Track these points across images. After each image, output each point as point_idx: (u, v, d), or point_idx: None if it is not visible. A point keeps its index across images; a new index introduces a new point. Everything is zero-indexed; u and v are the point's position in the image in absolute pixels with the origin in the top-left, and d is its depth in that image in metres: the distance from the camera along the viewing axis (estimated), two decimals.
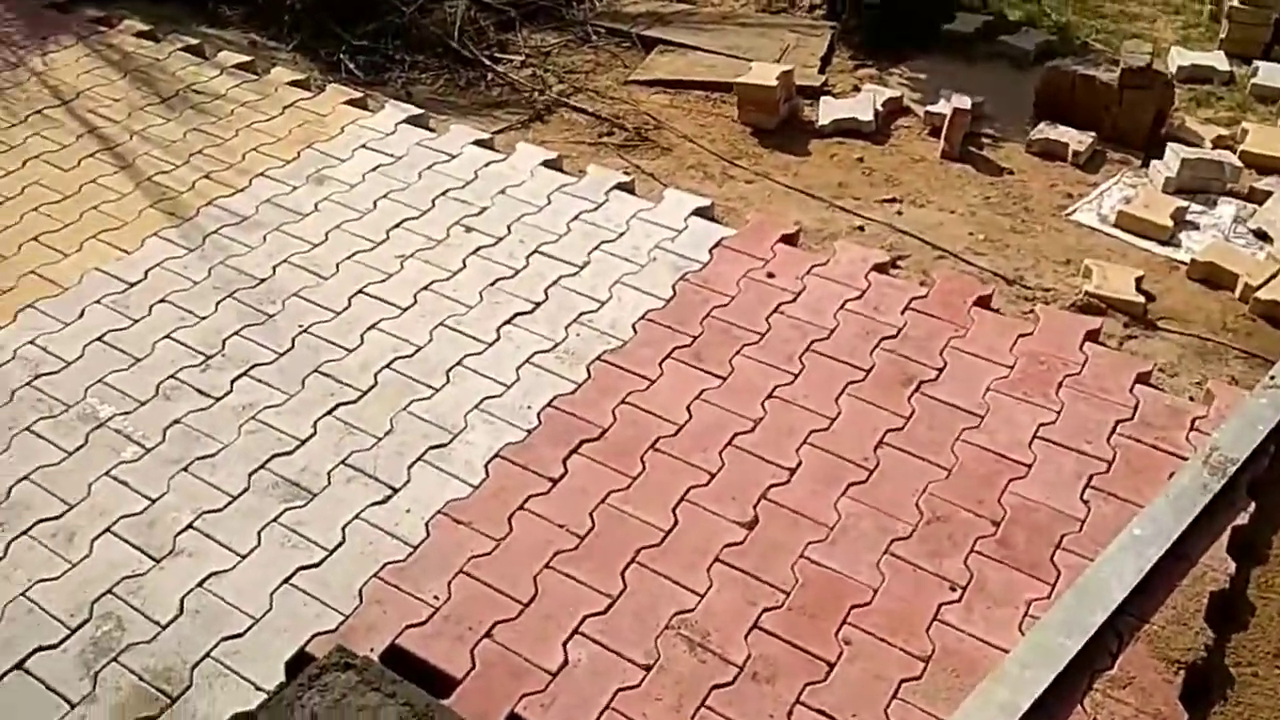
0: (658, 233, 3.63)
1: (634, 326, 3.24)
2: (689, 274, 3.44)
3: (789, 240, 3.62)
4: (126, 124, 4.17)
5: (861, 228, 3.84)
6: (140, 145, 4.05)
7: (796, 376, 3.06)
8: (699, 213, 3.74)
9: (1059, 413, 2.93)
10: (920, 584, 2.50)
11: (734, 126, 4.48)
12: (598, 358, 3.13)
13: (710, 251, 3.54)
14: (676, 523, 2.64)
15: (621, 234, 3.64)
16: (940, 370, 3.07)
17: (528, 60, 5.00)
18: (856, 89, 4.74)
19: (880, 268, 3.47)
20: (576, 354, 3.15)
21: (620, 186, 3.89)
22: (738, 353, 3.14)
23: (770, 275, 3.43)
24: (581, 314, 3.30)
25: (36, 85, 4.41)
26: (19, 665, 2.32)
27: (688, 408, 2.96)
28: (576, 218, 3.72)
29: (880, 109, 4.48)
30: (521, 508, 2.69)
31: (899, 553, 2.57)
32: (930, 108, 4.45)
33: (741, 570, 2.52)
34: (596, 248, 3.57)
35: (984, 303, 3.33)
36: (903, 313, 3.28)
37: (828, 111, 4.49)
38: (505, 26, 5.21)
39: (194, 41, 4.77)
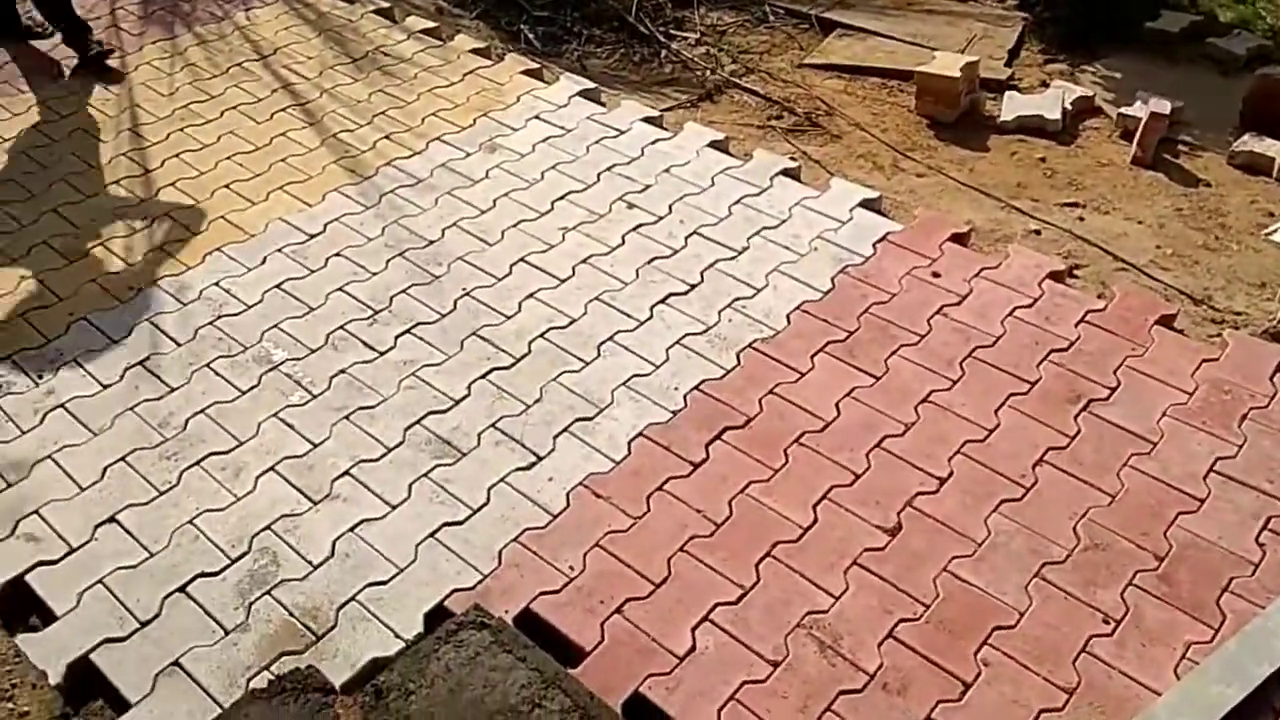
0: (821, 222, 3.56)
1: (788, 316, 3.19)
2: (850, 267, 3.36)
3: (959, 240, 3.48)
4: (317, 81, 4.36)
5: (1038, 232, 3.65)
6: (329, 103, 4.23)
7: (955, 383, 2.94)
8: (866, 204, 3.64)
9: (1240, 447, 2.72)
10: (1071, 612, 2.38)
11: (909, 117, 4.34)
12: (749, 345, 3.10)
13: (874, 245, 3.44)
14: (816, 521, 2.59)
15: (783, 221, 3.58)
16: (1112, 390, 2.90)
17: (702, 38, 4.96)
18: (1044, 85, 4.51)
19: (1055, 276, 3.30)
20: (728, 339, 3.13)
21: (786, 172, 3.83)
22: (894, 352, 3.04)
23: (936, 275, 3.30)
24: (736, 299, 3.27)
25: (239, 39, 4.66)
26: (182, 588, 2.48)
27: (837, 404, 2.89)
28: (739, 201, 3.68)
29: (1069, 107, 4.25)
30: (660, 488, 2.70)
31: (1050, 577, 2.44)
32: (1124, 110, 4.18)
33: (880, 577, 2.45)
34: (757, 233, 3.53)
35: (1166, 322, 3.12)
36: (1076, 325, 3.11)
37: (1011, 107, 4.28)
38: (683, 3, 5.19)
39: (385, 5, 4.94)
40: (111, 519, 2.63)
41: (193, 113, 4.16)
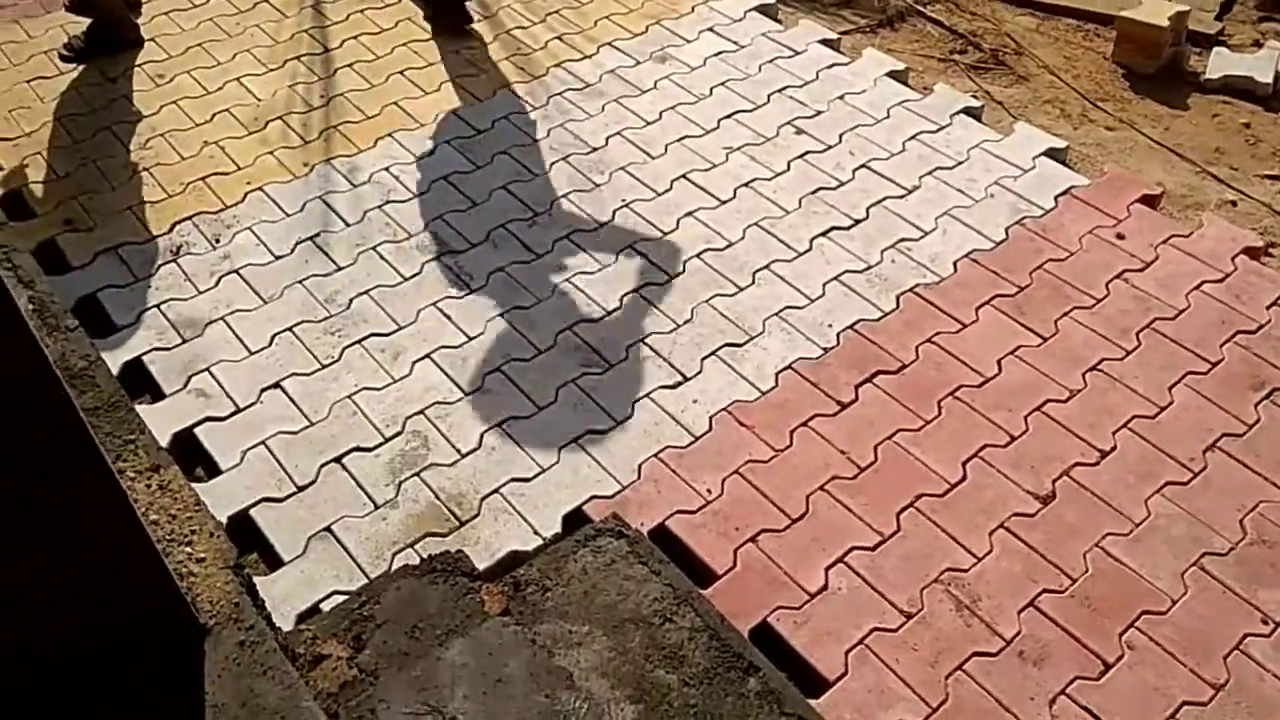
0: (1000, 168, 3.39)
1: (955, 264, 3.07)
2: (1027, 219, 3.20)
3: (1148, 202, 3.27)
4: None
5: (1234, 203, 3.40)
6: None
7: (1129, 354, 2.79)
8: (1050, 154, 3.45)
9: None
10: (1227, 607, 2.27)
11: (1104, 64, 4.06)
12: (911, 289, 3.00)
13: (1056, 199, 3.27)
14: (965, 478, 2.52)
15: (960, 163, 3.42)
16: None
17: None
18: (1258, 44, 4.15)
19: (1251, 252, 3.08)
20: (889, 281, 3.03)
21: (967, 111, 3.65)
22: (1066, 314, 2.90)
23: (1120, 237, 3.12)
24: (901, 240, 3.16)
25: None
26: (338, 459, 2.59)
27: (999, 361, 2.79)
28: (914, 137, 3.53)
29: None
30: (805, 424, 2.66)
31: (1210, 568, 2.33)
32: None
33: (1027, 543, 2.38)
34: (930, 173, 3.38)
35: None
36: (1269, 308, 2.90)
37: (1219, 64, 3.96)
38: None
39: None
40: (276, 385, 2.75)
41: None
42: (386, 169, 3.42)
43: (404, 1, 4.16)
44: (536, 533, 2.43)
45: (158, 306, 2.94)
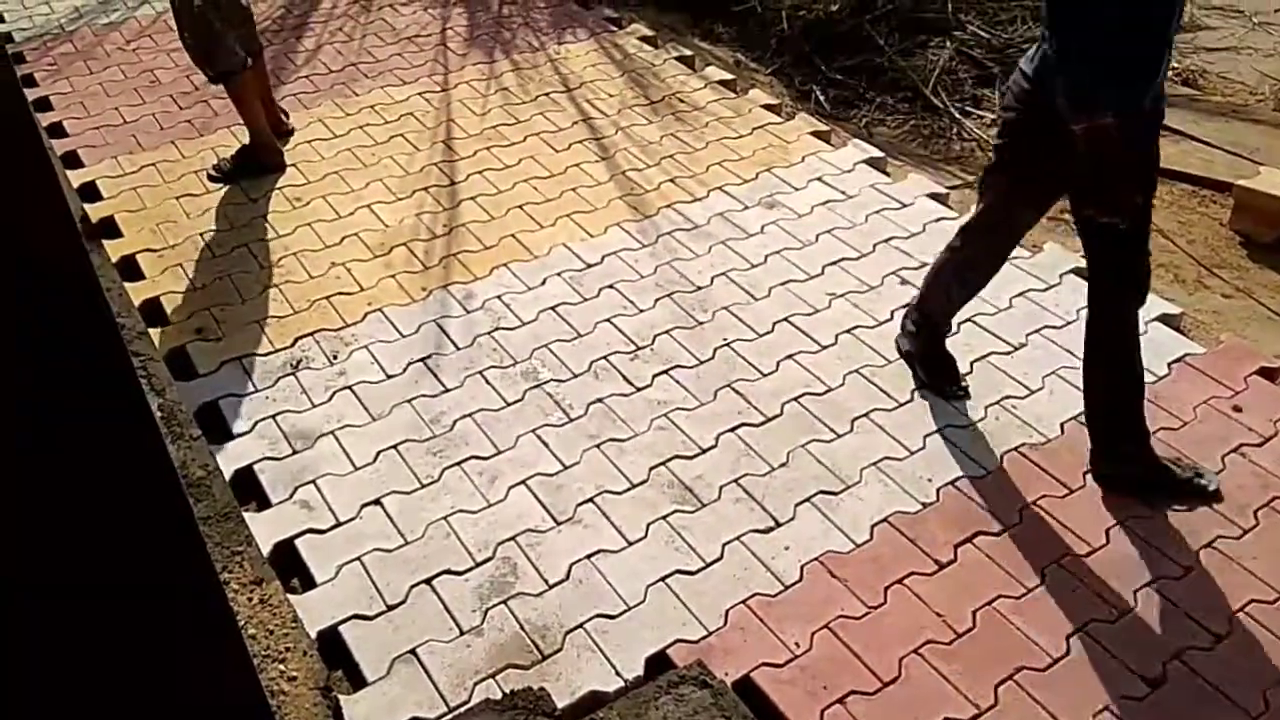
0: None
1: (1063, 426, 3.00)
2: None
3: (1268, 374, 3.17)
4: (615, 119, 4.55)
5: None
6: (622, 140, 4.40)
7: (1246, 532, 2.67)
8: (1164, 319, 3.39)
9: None
10: None
11: (1221, 231, 4.01)
12: (1015, 448, 2.94)
13: (1169, 366, 3.19)
14: (1068, 653, 2.41)
15: (1069, 323, 3.38)
16: None
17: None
18: None
19: None
20: (993, 438, 2.98)
21: (1077, 271, 3.62)
22: None
23: (1237, 409, 3.02)
24: (1006, 397, 3.11)
25: (550, 70, 4.94)
26: (429, 580, 2.61)
27: (1107, 532, 2.69)
28: (1022, 294, 3.51)
29: None
30: (901, 581, 2.59)
31: None
32: None
33: None
34: (1038, 331, 3.35)
35: None
36: None
37: None
38: (984, 82, 5.04)
39: (687, 53, 5.10)
40: (377, 501, 2.82)
41: (499, 134, 4.44)
42: (499, 297, 3.55)
43: (527, 141, 4.39)
44: (618, 674, 2.39)
45: (273, 417, 3.06)
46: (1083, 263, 3.65)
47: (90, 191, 4.08)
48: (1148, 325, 3.35)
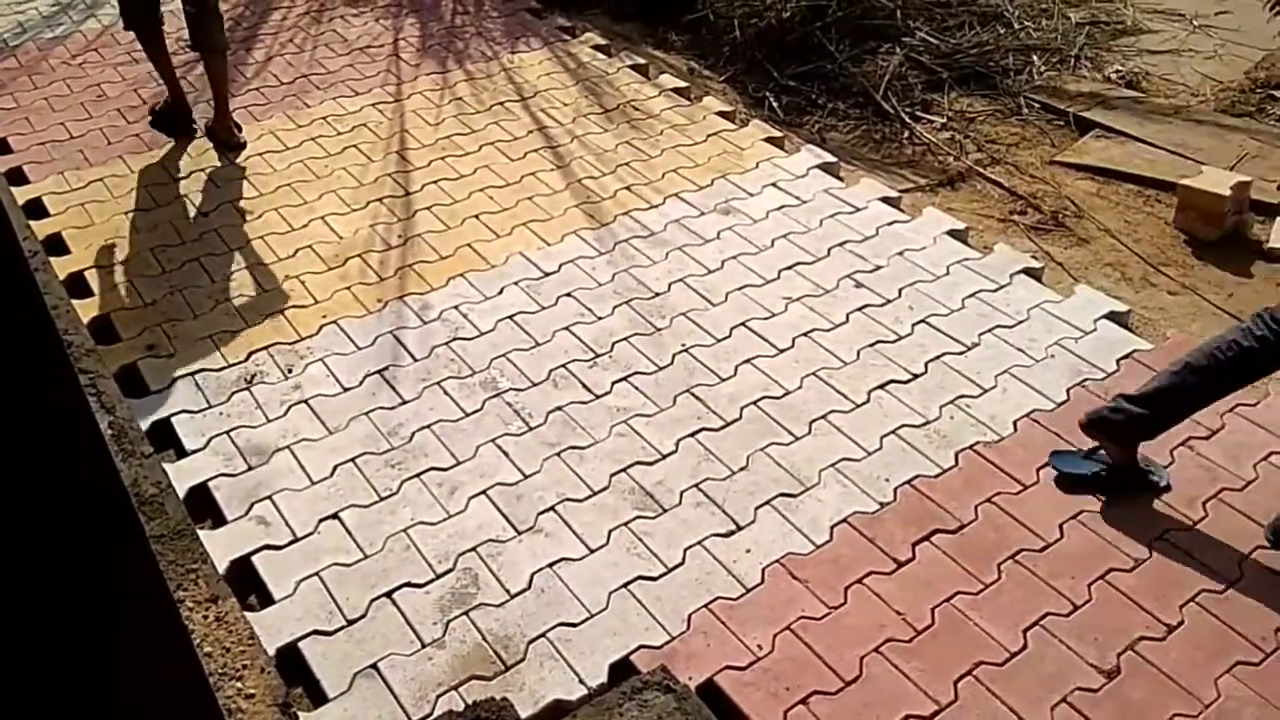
0: (1061, 329, 3.40)
1: (1015, 423, 3.05)
2: (1089, 381, 3.18)
3: None
4: (569, 127, 4.56)
5: None
6: (577, 149, 4.41)
7: (1196, 524, 2.72)
8: (1112, 317, 3.45)
9: None
10: None
11: (1166, 230, 4.10)
12: (970, 446, 2.98)
13: (1118, 362, 3.25)
14: (1025, 646, 2.44)
15: (1020, 322, 3.44)
16: None
17: (949, 124, 4.88)
18: None
19: None
20: (947, 437, 3.02)
21: (1027, 271, 3.68)
22: None
23: None
24: (960, 396, 3.16)
25: (503, 80, 4.94)
26: (389, 594, 2.59)
27: (1061, 526, 2.73)
28: (974, 295, 3.57)
29: None
30: (860, 581, 2.62)
31: None
32: None
33: None
34: (990, 330, 3.40)
35: None
36: None
37: None
38: (933, 87, 5.12)
39: (641, 61, 5.12)
40: (335, 515, 2.79)
41: (454, 144, 4.43)
42: (456, 307, 3.54)
43: (482, 150, 4.38)
44: (582, 681, 2.39)
45: (228, 433, 3.03)
46: (1033, 263, 3.73)
47: (36, 208, 4.01)
48: (1096, 322, 3.42)
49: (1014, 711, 2.30)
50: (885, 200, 4.10)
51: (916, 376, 3.24)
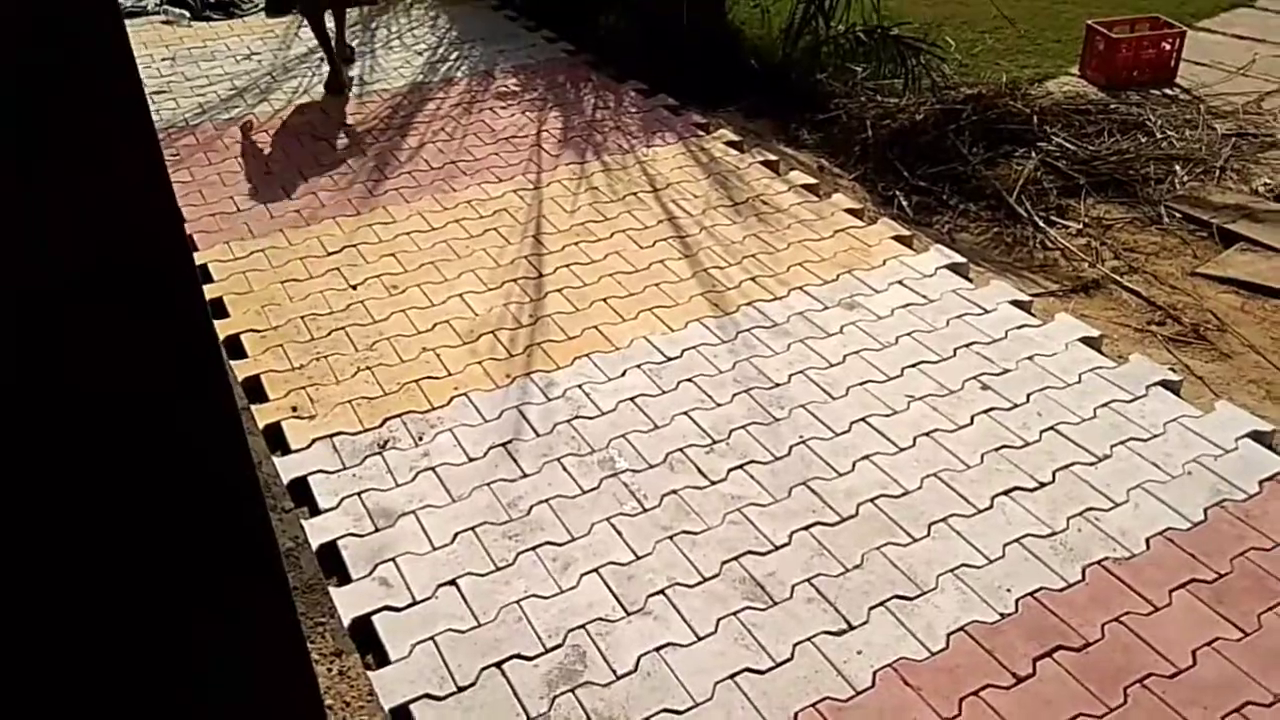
0: (1199, 445, 3.26)
1: (1148, 541, 2.93)
2: (1228, 502, 3.04)
3: None
4: (699, 219, 4.68)
5: None
6: (705, 239, 4.52)
7: None
8: (1255, 436, 3.30)
9: None
10: None
11: None
12: (1098, 561, 2.87)
13: (1260, 484, 3.10)
14: None
15: (1155, 436, 3.32)
16: None
17: (1084, 230, 4.80)
18: None
19: None
20: (1075, 550, 2.92)
21: (1165, 384, 3.57)
22: (1271, 609, 2.70)
23: None
24: (1089, 509, 3.06)
25: (638, 171, 5.12)
26: (499, 664, 2.64)
27: (1193, 652, 2.59)
28: (1106, 405, 3.47)
29: None
30: (976, 694, 2.53)
31: None
32: None
33: None
34: (1123, 442, 3.30)
35: None
36: None
37: None
38: (1069, 193, 5.06)
39: (772, 158, 5.24)
40: (453, 582, 2.87)
41: (587, 230, 4.60)
42: (579, 386, 3.64)
43: (614, 237, 4.54)
44: None
45: (359, 494, 3.17)
46: (1170, 375, 3.61)
47: (202, 274, 4.33)
48: (1237, 441, 3.27)
49: None
50: (1015, 303, 4.05)
51: (1043, 485, 3.16)
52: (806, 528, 3.04)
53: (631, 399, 3.58)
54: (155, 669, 1.35)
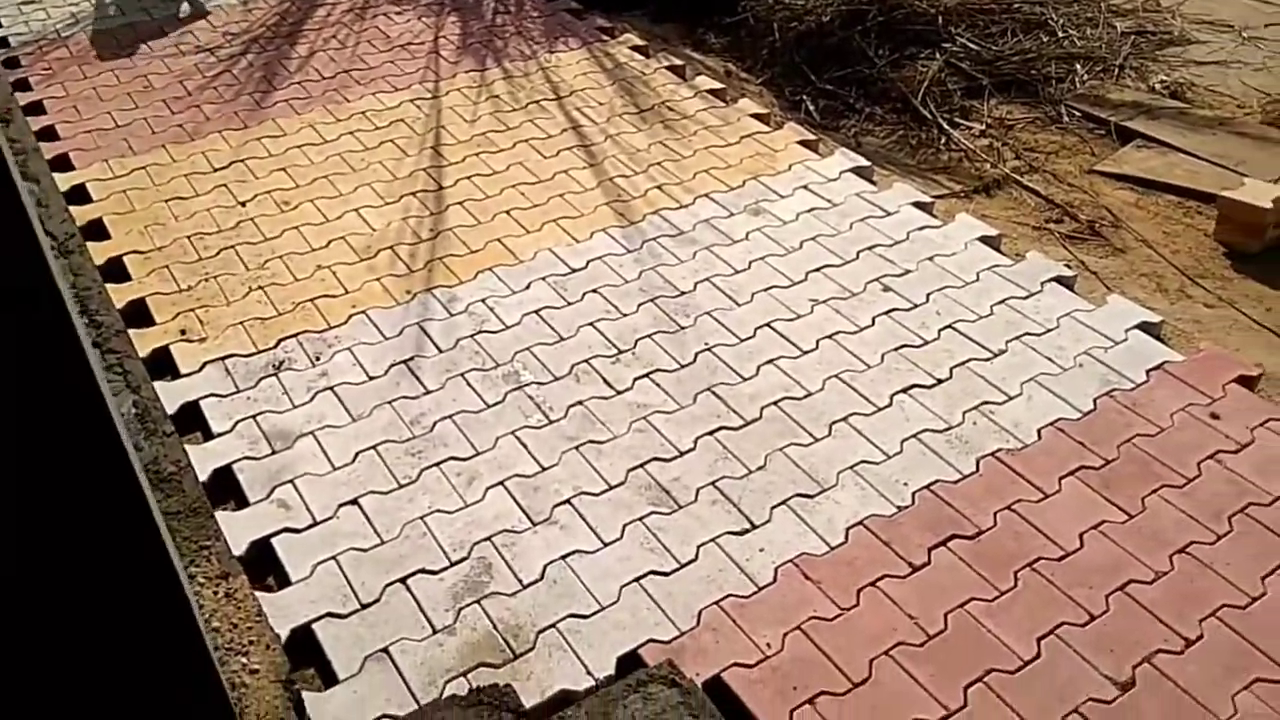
0: (1091, 338, 3.35)
1: (1039, 431, 3.01)
2: (1117, 391, 3.14)
3: (1245, 383, 3.18)
4: (603, 126, 4.58)
5: None
6: (610, 147, 4.43)
7: (1220, 538, 2.67)
8: (1144, 327, 3.40)
9: None
10: None
11: (1204, 242, 4.03)
12: (992, 453, 2.95)
13: (1148, 373, 3.20)
14: (1039, 655, 2.41)
15: (1049, 330, 3.39)
16: None
17: (987, 130, 4.83)
18: None
19: None
20: (970, 443, 2.99)
21: (1059, 280, 3.64)
22: (1154, 492, 2.81)
23: (1214, 416, 3.03)
24: (984, 403, 3.12)
25: (540, 79, 4.97)
26: (403, 580, 2.62)
27: (1081, 535, 2.69)
28: (1003, 302, 3.53)
29: None
30: (874, 584, 2.60)
31: None
32: None
33: None
34: (1018, 338, 3.37)
35: None
36: None
37: None
38: (973, 93, 5.07)
39: (678, 63, 5.13)
40: (354, 501, 2.83)
41: (489, 140, 4.47)
42: (483, 300, 3.57)
43: (516, 147, 4.42)
44: (589, 673, 2.40)
45: (254, 417, 3.08)
46: (1065, 271, 3.68)
47: (80, 194, 4.11)
48: (1127, 333, 3.36)
49: (1024, 719, 2.27)
50: (917, 205, 4.07)
51: (941, 382, 3.22)
52: (711, 432, 3.06)
53: (536, 312, 3.52)
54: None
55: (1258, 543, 2.66)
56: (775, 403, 3.16)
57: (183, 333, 3.41)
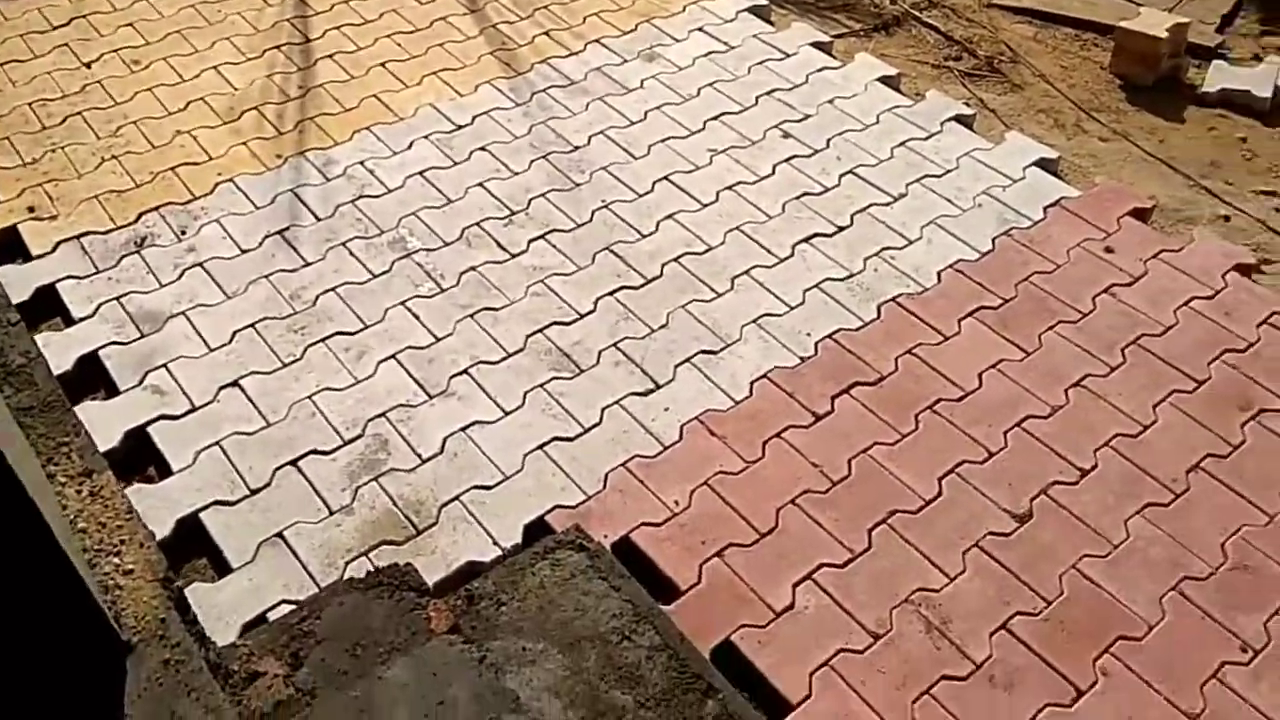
0: (989, 177, 3.31)
1: (939, 274, 2.99)
2: (1015, 230, 3.12)
3: (1139, 215, 3.20)
4: None
5: (1227, 218, 3.33)
6: None
7: (1113, 370, 2.72)
8: (1041, 164, 3.37)
9: None
10: (1205, 633, 2.19)
11: (1101, 75, 3.99)
12: (892, 299, 2.92)
13: (1045, 210, 3.19)
14: (940, 494, 2.44)
15: (949, 171, 3.34)
16: None
17: None
18: (1257, 58, 4.08)
19: (1243, 269, 3.01)
20: (870, 290, 2.96)
21: (959, 119, 3.57)
22: (1051, 328, 2.83)
23: (1109, 250, 3.05)
24: (885, 249, 3.08)
25: None
26: (294, 462, 2.50)
27: (979, 375, 2.71)
28: (903, 144, 3.45)
29: None
30: (778, 435, 2.59)
31: (1189, 593, 2.26)
32: None
33: (1002, 564, 2.30)
34: (918, 180, 3.31)
35: None
36: (1258, 326, 2.83)
37: (1217, 78, 3.89)
38: None
39: None
40: (235, 383, 2.67)
41: None
42: (361, 163, 3.34)
43: None
44: (496, 543, 2.35)
45: (118, 299, 2.86)
46: (964, 110, 3.61)
47: None
48: (1025, 170, 3.34)
49: (926, 556, 2.31)
50: (816, 46, 3.92)
51: (842, 229, 3.16)
52: (611, 293, 2.96)
53: (420, 173, 3.32)
54: None
55: (1149, 372, 2.71)
56: (676, 259, 3.06)
57: (30, 210, 3.12)
